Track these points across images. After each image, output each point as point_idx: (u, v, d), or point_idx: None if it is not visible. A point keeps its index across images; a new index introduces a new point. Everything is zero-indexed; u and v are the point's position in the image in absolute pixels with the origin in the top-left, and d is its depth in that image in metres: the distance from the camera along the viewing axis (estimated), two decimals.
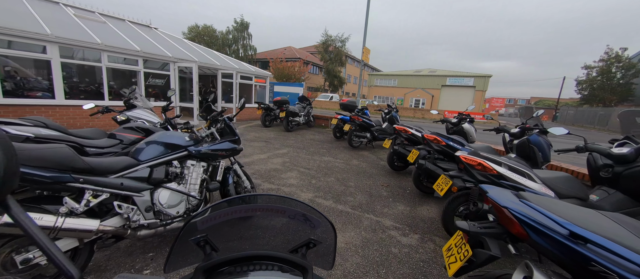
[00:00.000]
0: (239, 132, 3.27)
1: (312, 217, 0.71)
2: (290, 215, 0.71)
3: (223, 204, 0.69)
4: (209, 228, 0.66)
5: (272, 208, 0.72)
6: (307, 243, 0.68)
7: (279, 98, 8.88)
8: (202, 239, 0.63)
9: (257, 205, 0.73)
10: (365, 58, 9.67)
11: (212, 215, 0.67)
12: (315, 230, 0.71)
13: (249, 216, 0.71)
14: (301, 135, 8.32)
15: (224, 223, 0.69)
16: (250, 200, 0.77)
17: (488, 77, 29.10)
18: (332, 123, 7.61)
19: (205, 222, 0.67)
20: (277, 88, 27.01)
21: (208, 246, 0.63)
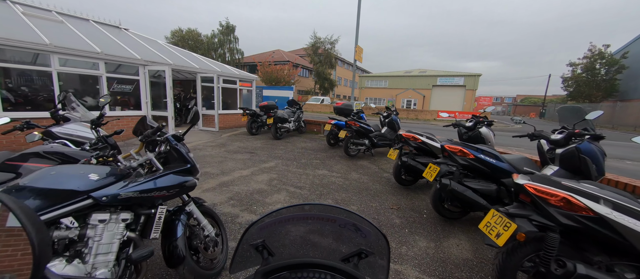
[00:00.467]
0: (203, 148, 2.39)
1: (363, 227, 0.71)
2: (341, 224, 0.72)
3: (278, 212, 0.71)
4: (267, 234, 0.70)
5: (323, 217, 0.74)
6: (359, 252, 0.68)
7: (265, 103, 8.04)
8: (260, 244, 0.68)
9: (309, 213, 0.75)
10: (358, 57, 8.99)
11: (268, 222, 0.71)
12: (367, 240, 0.71)
13: (303, 224, 0.74)
14: (291, 142, 7.50)
15: (278, 229, 0.72)
16: (304, 208, 0.75)
17: (478, 76, 29.19)
18: (325, 129, 6.83)
19: (262, 228, 0.70)
20: (266, 93, 26.10)
21: (265, 251, 0.68)
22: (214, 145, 6.79)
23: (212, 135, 8.00)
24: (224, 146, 6.62)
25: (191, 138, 7.41)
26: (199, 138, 7.47)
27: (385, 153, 6.48)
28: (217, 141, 7.31)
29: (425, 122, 20.04)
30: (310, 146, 7.06)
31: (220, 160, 5.33)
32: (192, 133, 8.03)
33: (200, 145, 6.64)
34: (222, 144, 6.91)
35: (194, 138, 7.46)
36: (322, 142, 7.68)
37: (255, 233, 0.70)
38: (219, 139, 7.56)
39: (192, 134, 7.85)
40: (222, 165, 4.93)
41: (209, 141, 7.28)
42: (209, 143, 6.93)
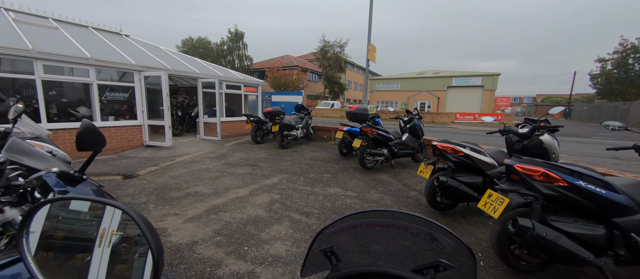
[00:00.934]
0: (192, 157, 1.66)
1: (440, 237, 0.65)
2: (414, 232, 0.68)
3: (350, 217, 0.71)
4: (337, 240, 0.70)
5: (392, 224, 0.71)
6: (436, 265, 0.59)
7: (270, 109, 7.36)
8: (328, 250, 0.67)
9: (377, 220, 0.73)
10: (371, 56, 8.18)
11: (337, 228, 0.71)
12: (444, 252, 0.63)
13: (371, 230, 0.72)
14: (299, 152, 6.74)
15: (346, 235, 0.72)
16: (377, 215, 0.74)
17: (497, 76, 27.57)
18: (337, 137, 6.02)
19: (333, 234, 0.71)
20: (275, 98, 25.68)
21: (333, 257, 0.67)
22: (213, 156, 6.13)
23: (213, 145, 7.37)
24: (223, 158, 5.95)
25: (191, 148, 6.81)
26: (199, 149, 6.86)
27: (408, 165, 5.60)
28: (217, 151, 6.66)
29: (443, 125, 18.82)
30: (320, 157, 6.27)
31: (216, 175, 4.63)
32: (193, 143, 7.46)
33: (198, 157, 6.00)
34: (222, 155, 6.24)
35: (194, 148, 6.85)
36: (333, 151, 6.88)
37: (325, 239, 0.71)
38: (220, 149, 6.92)
39: (192, 144, 7.26)
40: (216, 183, 4.22)
41: (209, 151, 6.64)
42: (208, 154, 6.28)
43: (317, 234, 0.71)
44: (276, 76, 25.85)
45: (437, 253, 0.64)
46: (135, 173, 4.72)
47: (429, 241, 0.66)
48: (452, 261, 0.60)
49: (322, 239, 0.71)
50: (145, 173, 4.74)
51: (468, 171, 2.94)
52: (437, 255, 0.62)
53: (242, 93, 9.31)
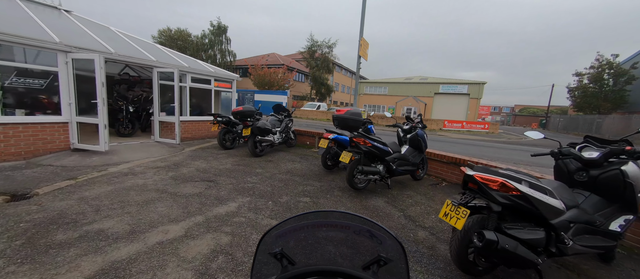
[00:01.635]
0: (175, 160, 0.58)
1: (378, 234, 0.71)
2: (356, 230, 0.73)
3: (292, 220, 0.72)
4: (285, 242, 0.71)
5: (336, 224, 0.74)
6: (378, 260, 0.67)
7: (240, 109, 6.06)
8: (278, 252, 0.67)
9: (323, 221, 0.75)
10: (363, 53, 7.13)
11: (285, 229, 0.71)
12: (383, 247, 0.70)
13: (318, 231, 0.74)
14: (274, 162, 5.51)
15: (296, 237, 0.73)
16: (319, 215, 0.77)
17: (482, 85, 27.75)
18: (320, 146, 4.86)
19: (280, 236, 0.71)
20: (258, 97, 24.19)
21: (285, 259, 0.67)
22: (161, 166, 4.76)
23: (168, 150, 5.96)
24: (174, 169, 4.60)
25: (136, 154, 5.38)
26: (147, 155, 5.44)
27: (407, 184, 4.49)
28: (170, 159, 5.28)
29: (431, 132, 18.24)
30: (299, 170, 5.08)
31: (150, 198, 3.31)
32: (143, 147, 6.00)
33: (139, 167, 4.61)
34: (174, 165, 4.88)
35: (140, 154, 5.42)
36: (316, 162, 5.71)
37: (272, 242, 0.70)
38: (175, 156, 5.54)
39: (140, 149, 5.82)
40: (142, 212, 2.91)
41: (159, 159, 5.25)
42: (155, 163, 4.90)
43: (262, 238, 0.70)
44: (260, 74, 24.39)
45: (378, 248, 0.70)
46: (32, 192, 3.30)
47: (369, 238, 0.72)
48: (389, 255, 0.68)
49: (269, 242, 0.70)
50: (47, 192, 3.33)
51: (520, 217, 1.88)
52: (378, 251, 0.69)
53: (212, 89, 7.92)
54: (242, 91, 23.60)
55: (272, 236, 0.71)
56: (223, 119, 6.44)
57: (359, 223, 0.72)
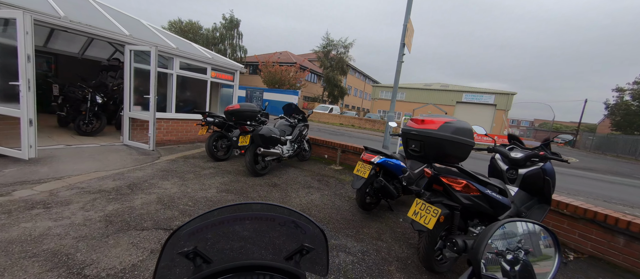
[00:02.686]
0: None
1: (302, 224, 0.70)
2: (281, 222, 0.70)
3: (211, 214, 0.65)
4: (199, 240, 0.64)
5: (262, 216, 0.70)
6: (301, 249, 0.67)
7: (236, 107, 4.25)
8: (191, 252, 0.60)
9: (246, 214, 0.69)
10: (408, 41, 5.29)
11: (199, 225, 0.64)
12: (307, 236, 0.69)
13: (239, 225, 0.69)
14: (282, 188, 3.72)
15: (214, 233, 0.66)
16: (240, 208, 0.69)
17: (512, 95, 25.37)
18: (359, 171, 3.00)
19: (193, 233, 0.63)
20: (267, 96, 22.50)
21: (199, 258, 0.61)
22: (106, 189, 3.03)
23: (135, 159, 4.25)
24: (123, 198, 2.86)
25: (80, 165, 3.70)
26: (101, 166, 3.74)
27: None
28: (130, 175, 3.56)
29: None
30: (321, 206, 3.26)
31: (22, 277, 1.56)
32: (100, 152, 4.33)
33: (71, 189, 2.89)
34: (129, 187, 3.15)
35: (90, 165, 3.74)
36: (343, 190, 3.87)
37: (183, 240, 0.62)
38: (141, 170, 3.81)
39: (94, 155, 4.14)
40: None
41: (114, 174, 3.53)
42: (102, 182, 3.18)
43: (168, 238, 0.60)
44: (271, 71, 22.80)
45: (302, 238, 0.68)
46: None
47: (294, 228, 0.70)
48: (312, 243, 0.68)
49: (180, 242, 0.61)
50: None
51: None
52: (301, 240, 0.68)
53: (208, 80, 6.23)
54: (250, 88, 22.05)
55: (182, 236, 0.61)
56: (215, 120, 4.71)
57: (283, 214, 0.69)
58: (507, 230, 0.85)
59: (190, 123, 5.97)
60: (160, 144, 5.43)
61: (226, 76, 6.79)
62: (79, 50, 8.32)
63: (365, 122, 20.48)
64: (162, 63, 5.35)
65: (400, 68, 5.37)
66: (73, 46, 8.23)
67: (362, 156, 3.03)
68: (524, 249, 0.86)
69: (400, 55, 5.29)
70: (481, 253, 0.78)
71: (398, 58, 5.31)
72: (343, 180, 4.46)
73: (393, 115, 5.49)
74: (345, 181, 4.42)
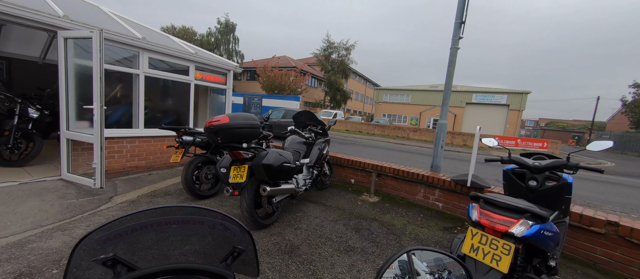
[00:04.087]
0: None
1: (230, 226, 0.68)
2: (210, 225, 0.68)
3: (135, 216, 0.60)
4: (118, 246, 0.59)
5: (190, 220, 0.67)
6: (232, 251, 0.66)
7: (223, 120, 2.53)
8: (109, 259, 0.55)
9: (174, 217, 0.65)
10: None
11: (116, 230, 0.59)
12: (236, 239, 0.68)
13: (166, 229, 0.65)
14: (302, 255, 2.14)
15: (136, 238, 0.61)
16: (166, 212, 0.65)
17: (526, 94, 23.95)
18: (478, 251, 1.43)
19: (110, 238, 0.58)
20: (266, 102, 20.96)
21: (120, 265, 0.57)
22: None
23: (67, 207, 2.68)
24: None
25: None
26: (0, 227, 2.16)
27: None
28: (34, 251, 1.98)
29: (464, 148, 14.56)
30: None
31: None
32: (19, 194, 2.75)
33: None
34: None
35: None
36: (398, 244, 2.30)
37: (99, 248, 0.57)
38: (64, 233, 2.22)
39: (1, 207, 2.56)
40: None
41: (10, 246, 1.95)
42: None
43: (77, 244, 0.54)
44: (270, 75, 21.36)
45: (232, 240, 0.68)
46: None
47: (223, 231, 0.68)
48: (242, 244, 0.67)
49: (93, 248, 0.56)
50: None
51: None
52: (232, 242, 0.67)
53: (191, 82, 4.70)
54: (248, 95, 20.57)
55: (96, 242, 0.56)
56: (195, 139, 3.16)
57: (211, 216, 0.67)
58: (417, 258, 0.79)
59: (167, 142, 4.41)
60: (122, 173, 3.86)
61: (216, 78, 5.26)
62: (40, 53, 6.81)
63: (373, 127, 18.95)
64: (124, 58, 3.82)
65: (456, 58, 3.86)
66: (31, 48, 6.72)
67: (480, 219, 1.45)
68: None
69: (455, 39, 3.78)
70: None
71: (452, 43, 3.80)
72: (393, 226, 2.89)
73: (445, 123, 3.96)
74: (397, 228, 2.85)
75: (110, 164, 3.71)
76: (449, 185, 3.28)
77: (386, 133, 18.35)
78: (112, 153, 3.74)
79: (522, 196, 1.88)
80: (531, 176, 1.94)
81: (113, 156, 3.76)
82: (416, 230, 2.84)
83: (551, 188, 1.83)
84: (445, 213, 3.36)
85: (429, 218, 3.19)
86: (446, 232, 2.87)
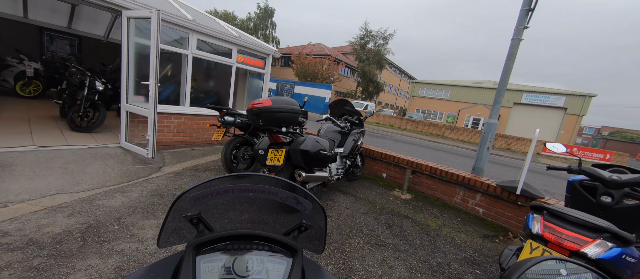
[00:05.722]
0: None
1: (303, 200, 0.70)
2: (282, 197, 0.70)
3: (215, 182, 0.66)
4: (203, 207, 0.66)
5: (264, 190, 0.70)
6: (299, 226, 0.69)
7: (267, 102, 2.55)
8: (195, 217, 0.64)
9: (250, 185, 0.69)
10: None
11: (204, 192, 0.65)
12: (307, 214, 0.70)
13: (243, 196, 0.70)
14: (333, 243, 2.15)
15: (217, 202, 0.68)
16: (243, 179, 0.72)
17: (590, 97, 20.92)
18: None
19: (198, 199, 0.65)
20: (298, 89, 21.25)
21: (201, 225, 0.65)
22: (44, 240, 1.72)
23: (125, 172, 3.00)
24: (49, 272, 1.51)
25: (41, 182, 2.50)
26: (70, 185, 2.51)
27: None
28: (101, 207, 2.26)
29: (507, 152, 13.21)
30: None
31: None
32: (79, 160, 3.16)
33: None
34: (82, 236, 1.81)
35: (60, 181, 2.54)
36: (433, 246, 2.17)
37: (188, 205, 0.64)
38: (123, 195, 2.51)
39: (69, 165, 2.96)
40: None
41: (82, 200, 2.25)
42: (46, 225, 1.89)
43: (177, 199, 0.63)
44: (304, 62, 21.40)
45: (301, 214, 0.70)
46: None
47: (295, 204, 0.70)
48: (311, 220, 0.70)
49: (185, 205, 0.64)
50: None
51: None
52: (301, 217, 0.70)
53: (233, 65, 4.88)
54: (281, 81, 20.97)
55: (188, 200, 0.64)
56: (236, 119, 3.29)
57: (286, 189, 0.69)
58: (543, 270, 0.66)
59: (209, 120, 4.68)
60: (168, 146, 4.20)
61: (256, 62, 5.39)
62: (104, 32, 7.58)
63: (406, 122, 18.19)
64: (174, 40, 4.08)
65: (517, 50, 3.45)
66: (98, 28, 7.52)
67: (544, 233, 1.29)
68: None
69: (518, 29, 3.36)
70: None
71: (514, 34, 3.39)
72: (427, 227, 2.76)
73: (495, 123, 3.60)
74: (431, 229, 2.72)
75: (159, 137, 4.06)
76: (494, 191, 3.02)
77: (419, 129, 17.51)
78: (161, 127, 4.08)
79: (590, 212, 1.65)
80: (605, 190, 1.68)
81: (162, 130, 4.10)
82: (452, 234, 2.68)
83: (632, 207, 1.57)
84: (486, 219, 3.12)
85: (467, 223, 2.99)
86: (486, 240, 2.67)
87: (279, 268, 0.61)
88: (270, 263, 0.61)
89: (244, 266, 0.59)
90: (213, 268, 0.58)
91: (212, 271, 0.57)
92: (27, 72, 6.17)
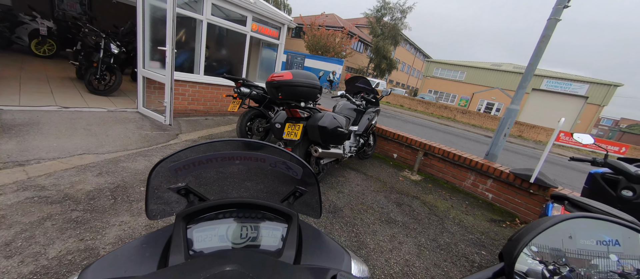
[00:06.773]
0: None
1: (293, 165, 0.68)
2: (271, 163, 0.68)
3: (198, 147, 0.62)
4: (187, 176, 0.64)
5: (252, 156, 0.67)
6: (294, 192, 0.67)
7: (288, 76, 2.53)
8: (182, 188, 0.61)
9: (235, 153, 0.66)
10: None
11: (186, 161, 0.62)
12: (298, 179, 0.69)
13: (229, 163, 0.67)
14: (345, 217, 2.25)
15: (200, 170, 0.65)
16: (229, 146, 0.67)
17: (615, 87, 19.83)
18: None
19: (181, 169, 0.62)
20: (308, 62, 20.71)
21: (191, 195, 0.62)
22: (80, 196, 1.85)
23: (145, 137, 3.10)
24: (89, 224, 1.64)
25: (68, 141, 2.62)
26: (95, 146, 2.63)
27: None
28: (126, 169, 2.37)
29: (519, 140, 12.94)
30: (426, 277, 1.74)
31: None
32: (101, 123, 3.25)
33: (21, 189, 1.74)
34: (112, 194, 1.94)
35: (86, 142, 2.65)
36: (441, 227, 2.25)
37: (169, 176, 0.62)
38: (145, 158, 2.61)
39: (92, 127, 3.06)
40: None
41: (108, 161, 2.37)
42: (78, 182, 2.01)
43: (152, 170, 0.59)
44: (315, 34, 20.58)
45: (293, 180, 0.68)
46: None
47: (286, 170, 0.68)
48: (305, 185, 0.67)
49: (166, 175, 0.61)
50: None
51: None
52: (293, 182, 0.68)
53: (247, 34, 4.74)
54: (291, 53, 20.36)
55: (169, 170, 0.60)
56: (252, 91, 3.28)
57: (275, 154, 0.67)
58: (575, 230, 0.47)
59: (222, 90, 4.68)
60: (183, 114, 4.27)
61: (271, 31, 5.22)
62: None
63: (417, 103, 17.80)
64: (187, 3, 3.94)
65: (552, 32, 3.23)
66: None
67: None
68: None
69: (557, 8, 3.11)
70: (518, 250, 0.47)
71: (552, 12, 3.15)
72: (436, 208, 2.82)
73: (516, 109, 3.50)
74: (439, 210, 2.78)
75: (175, 105, 4.10)
76: (507, 177, 3.02)
77: (430, 111, 17.16)
78: (176, 95, 4.11)
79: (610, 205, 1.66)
80: (627, 184, 1.67)
81: (177, 98, 4.14)
82: (460, 216, 2.75)
83: None
84: (495, 205, 3.17)
85: (475, 207, 3.04)
86: (493, 224, 2.73)
87: (274, 234, 0.60)
88: (265, 229, 0.61)
89: (238, 233, 0.59)
90: (206, 237, 0.57)
91: (205, 240, 0.57)
92: (41, 29, 6.14)
